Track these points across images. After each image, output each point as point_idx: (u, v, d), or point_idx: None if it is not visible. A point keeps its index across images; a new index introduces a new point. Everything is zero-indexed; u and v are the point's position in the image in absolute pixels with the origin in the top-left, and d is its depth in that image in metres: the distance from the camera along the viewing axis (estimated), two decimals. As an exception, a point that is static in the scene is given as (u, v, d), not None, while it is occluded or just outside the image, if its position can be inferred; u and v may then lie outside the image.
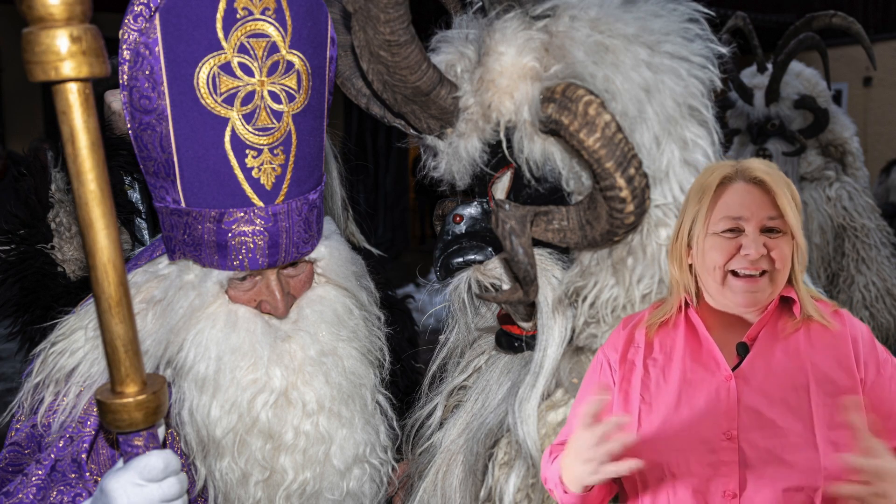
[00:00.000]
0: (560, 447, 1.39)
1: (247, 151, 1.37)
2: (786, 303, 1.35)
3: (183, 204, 1.40)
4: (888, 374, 1.29)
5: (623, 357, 1.39)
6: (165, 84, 1.31)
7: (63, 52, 0.96)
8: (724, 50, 1.50)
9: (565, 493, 1.29)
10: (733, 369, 1.30)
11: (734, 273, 1.30)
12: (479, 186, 1.57)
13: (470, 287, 1.59)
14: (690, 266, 1.37)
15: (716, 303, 1.35)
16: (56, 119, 1.01)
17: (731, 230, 1.31)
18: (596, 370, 1.43)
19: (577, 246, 1.41)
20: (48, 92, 1.02)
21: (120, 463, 1.24)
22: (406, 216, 12.52)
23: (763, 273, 1.29)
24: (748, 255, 1.28)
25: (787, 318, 1.33)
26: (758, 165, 1.34)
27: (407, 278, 7.33)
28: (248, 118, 1.35)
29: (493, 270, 1.54)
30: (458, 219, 1.56)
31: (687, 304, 1.38)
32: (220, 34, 1.30)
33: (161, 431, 1.28)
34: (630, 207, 1.29)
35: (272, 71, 1.35)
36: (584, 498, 1.29)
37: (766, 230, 1.31)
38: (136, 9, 1.32)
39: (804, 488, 1.20)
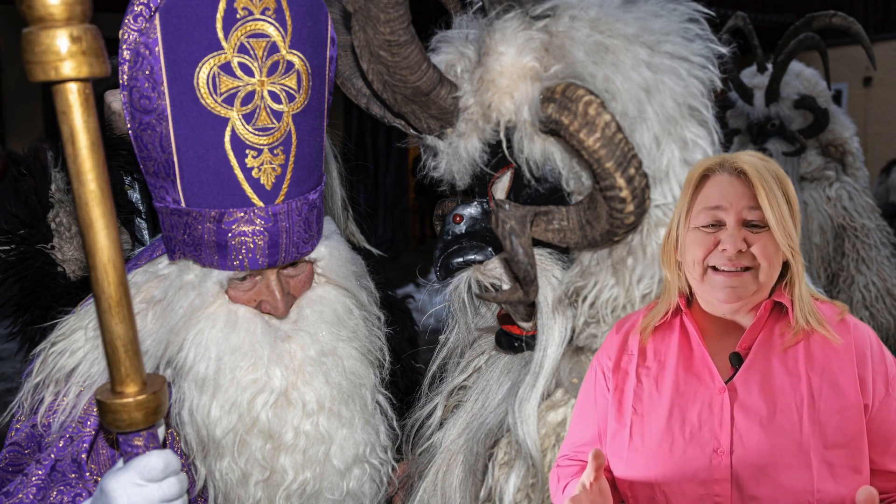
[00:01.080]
0: (565, 466, 1.39)
1: (247, 151, 1.37)
2: (781, 309, 1.28)
3: (183, 204, 1.40)
4: None
5: (616, 365, 1.36)
6: (165, 84, 1.31)
7: (63, 52, 0.96)
8: (724, 50, 1.50)
9: None
10: (727, 381, 1.24)
11: (714, 268, 1.24)
12: (479, 186, 1.57)
13: (470, 287, 1.59)
14: (680, 265, 1.32)
15: (703, 302, 1.30)
16: (56, 119, 1.01)
17: (711, 224, 1.26)
18: (591, 379, 1.41)
19: (577, 246, 1.41)
20: (48, 92, 1.02)
21: (120, 463, 1.24)
22: (406, 216, 12.53)
23: (746, 269, 1.23)
24: (725, 251, 1.22)
25: (784, 325, 1.26)
26: (745, 157, 1.27)
27: (407, 278, 7.33)
28: (248, 118, 1.35)
29: (493, 270, 1.54)
30: (458, 219, 1.56)
31: (681, 310, 1.35)
32: (220, 34, 1.30)
33: (161, 431, 1.28)
34: (630, 207, 1.29)
35: (272, 71, 1.35)
36: None
37: (748, 224, 1.24)
38: (136, 9, 1.32)
39: None
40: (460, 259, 1.55)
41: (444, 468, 1.64)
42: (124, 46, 1.32)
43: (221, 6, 1.29)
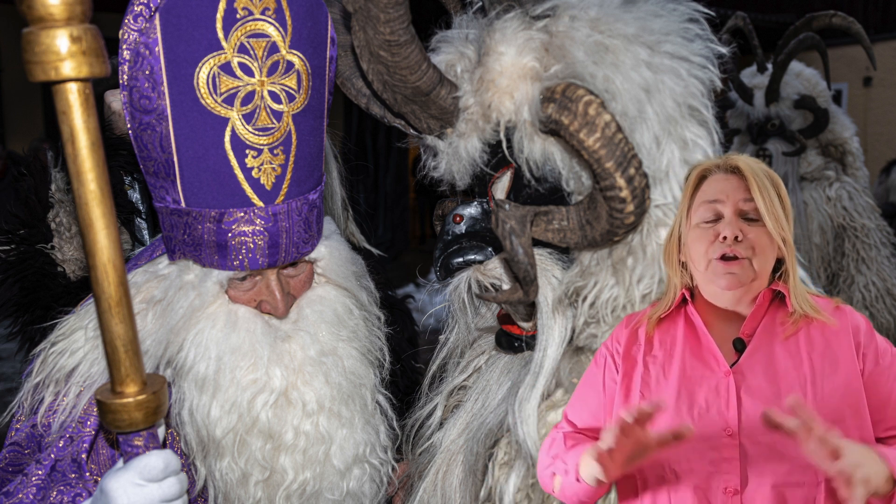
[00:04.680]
0: (570, 435, 1.40)
1: (247, 151, 1.37)
2: (781, 299, 1.35)
3: (183, 204, 1.40)
4: (886, 364, 1.29)
5: (626, 353, 1.39)
6: (165, 84, 1.31)
7: (63, 52, 0.96)
8: (724, 50, 1.50)
9: (577, 480, 1.29)
10: (732, 365, 1.30)
11: (715, 259, 1.31)
12: (479, 186, 1.57)
13: (470, 287, 1.59)
14: (683, 264, 1.38)
15: (707, 294, 1.35)
16: (56, 119, 1.01)
17: (711, 220, 1.33)
18: (600, 365, 1.43)
19: (577, 246, 1.41)
20: (48, 92, 1.02)
21: (120, 463, 1.24)
22: (406, 216, 12.52)
23: (743, 258, 1.30)
24: (725, 239, 1.29)
25: (783, 314, 1.33)
26: (739, 156, 1.36)
27: (407, 278, 7.35)
28: (248, 118, 1.35)
29: (493, 270, 1.54)
30: (458, 219, 1.56)
31: (686, 301, 1.39)
32: (220, 34, 1.30)
33: (161, 431, 1.28)
34: (630, 207, 1.29)
35: (272, 71, 1.35)
36: (595, 491, 1.28)
37: (744, 217, 1.32)
38: (136, 9, 1.32)
39: (805, 483, 1.21)
40: (460, 259, 1.55)
41: (444, 468, 1.64)
42: (124, 46, 1.32)
43: (221, 6, 1.29)
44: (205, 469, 1.47)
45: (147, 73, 1.30)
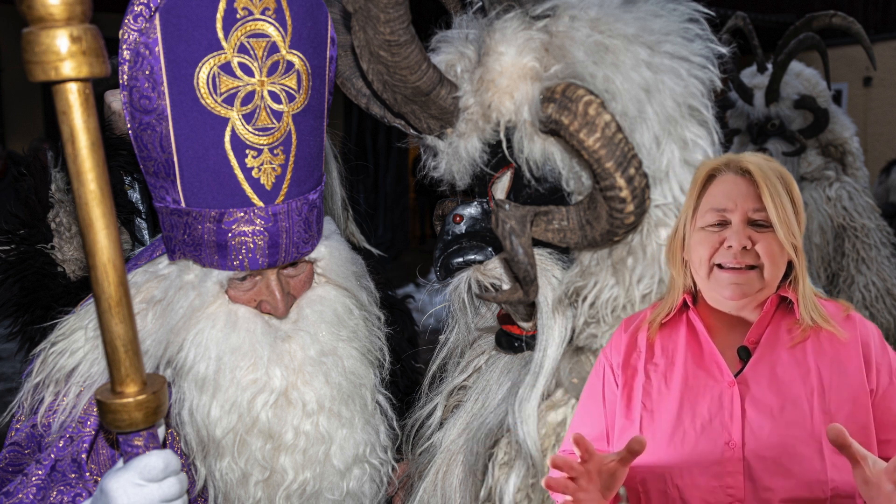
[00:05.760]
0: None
1: (247, 151, 1.37)
2: (788, 305, 1.31)
3: (183, 204, 1.40)
4: None
5: (626, 361, 1.36)
6: (165, 84, 1.31)
7: (63, 52, 0.96)
8: (724, 50, 1.50)
9: None
10: (736, 374, 1.26)
11: (720, 266, 1.27)
12: (479, 186, 1.57)
13: (470, 287, 1.59)
14: (687, 263, 1.34)
15: (709, 299, 1.32)
16: (56, 119, 1.01)
17: (717, 223, 1.29)
18: (599, 375, 1.40)
19: (577, 246, 1.41)
20: (48, 92, 1.02)
21: (120, 463, 1.24)
22: (406, 216, 12.53)
23: (751, 268, 1.26)
24: (730, 248, 1.25)
25: (791, 321, 1.28)
26: (750, 157, 1.31)
27: (407, 278, 7.36)
28: (248, 118, 1.35)
29: (493, 270, 1.54)
30: (458, 219, 1.56)
31: (687, 306, 1.36)
32: (220, 34, 1.30)
33: (161, 431, 1.28)
34: (630, 207, 1.29)
35: (272, 71, 1.35)
36: None
37: (753, 223, 1.28)
38: (136, 9, 1.33)
39: (812, 500, 1.17)
40: (460, 259, 1.55)
41: (444, 468, 1.64)
42: (124, 46, 1.32)
43: (221, 6, 1.29)
44: (205, 469, 1.47)
45: (147, 73, 1.31)
